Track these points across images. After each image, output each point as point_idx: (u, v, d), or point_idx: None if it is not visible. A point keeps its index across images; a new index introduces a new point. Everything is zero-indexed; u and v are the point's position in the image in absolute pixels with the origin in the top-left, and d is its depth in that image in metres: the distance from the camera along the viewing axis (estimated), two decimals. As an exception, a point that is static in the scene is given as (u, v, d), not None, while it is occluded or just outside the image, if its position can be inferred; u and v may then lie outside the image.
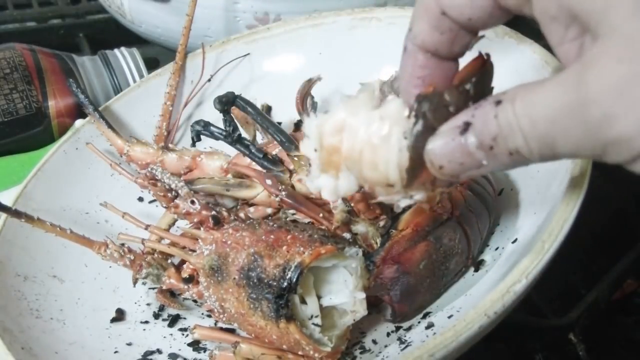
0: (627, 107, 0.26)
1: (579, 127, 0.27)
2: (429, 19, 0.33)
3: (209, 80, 0.69)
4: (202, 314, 0.54)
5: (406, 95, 0.34)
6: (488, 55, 0.34)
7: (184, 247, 0.49)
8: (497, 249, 0.48)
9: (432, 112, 0.31)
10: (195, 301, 0.54)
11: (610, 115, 0.26)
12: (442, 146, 0.31)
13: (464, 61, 0.35)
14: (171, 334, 0.53)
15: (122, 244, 0.51)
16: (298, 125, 0.65)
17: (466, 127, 0.30)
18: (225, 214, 0.49)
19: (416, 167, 0.32)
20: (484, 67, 0.33)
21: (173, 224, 0.56)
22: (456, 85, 0.32)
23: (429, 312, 0.46)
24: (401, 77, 0.35)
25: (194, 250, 0.48)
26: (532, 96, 0.28)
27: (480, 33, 0.34)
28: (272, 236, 0.45)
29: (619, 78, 0.26)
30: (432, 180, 0.33)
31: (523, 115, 0.28)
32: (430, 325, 0.44)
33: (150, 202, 0.63)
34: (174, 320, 0.54)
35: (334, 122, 0.34)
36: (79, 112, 0.69)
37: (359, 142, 0.33)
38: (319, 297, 0.43)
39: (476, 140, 0.30)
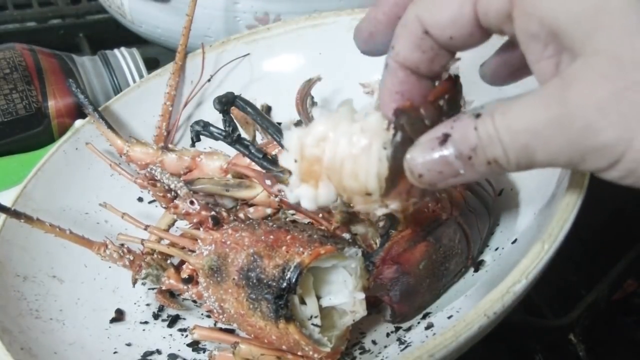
0: (611, 118, 0.28)
1: (560, 138, 0.29)
2: (412, 38, 0.34)
3: (209, 80, 0.69)
4: (202, 314, 0.54)
5: (385, 108, 0.36)
6: (458, 76, 0.36)
7: (183, 248, 0.49)
8: (497, 249, 0.48)
9: (409, 124, 0.33)
10: (194, 301, 0.54)
11: (594, 127, 0.28)
12: (422, 156, 0.32)
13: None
14: (170, 335, 0.53)
15: (122, 245, 0.51)
16: (298, 126, 0.65)
17: (445, 138, 0.31)
18: (224, 214, 0.49)
19: (394, 176, 0.34)
20: (455, 87, 0.35)
21: (173, 224, 0.56)
22: (431, 101, 0.34)
23: (429, 313, 0.46)
24: (381, 92, 0.36)
25: (193, 251, 0.48)
26: (512, 110, 0.30)
27: (458, 55, 0.36)
28: (271, 236, 0.45)
29: (604, 93, 0.28)
30: (407, 190, 0.35)
31: (503, 127, 0.30)
32: (429, 326, 0.44)
33: (150, 202, 0.63)
34: (173, 320, 0.54)
35: (316, 133, 0.35)
36: (78, 112, 0.69)
37: (341, 153, 0.34)
38: (318, 298, 0.43)
39: (455, 150, 0.31)
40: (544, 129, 0.29)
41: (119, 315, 0.54)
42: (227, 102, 0.53)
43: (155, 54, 0.90)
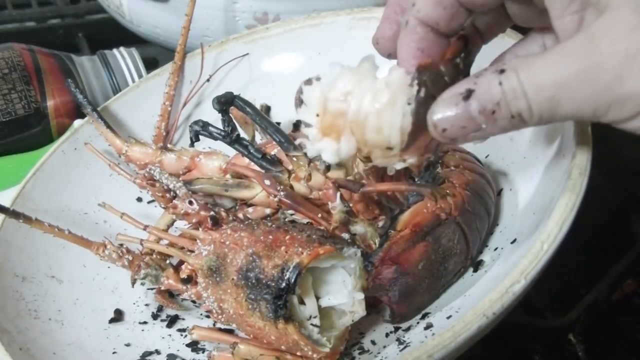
0: None
1: (587, 89, 0.31)
2: None
3: (208, 80, 0.69)
4: (201, 314, 0.54)
5: (405, 64, 0.37)
6: (467, 35, 0.38)
7: (182, 248, 0.49)
8: (496, 249, 0.48)
9: (431, 81, 0.34)
10: (193, 302, 0.54)
11: (622, 77, 0.30)
12: (446, 110, 0.33)
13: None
14: (170, 335, 0.52)
15: (121, 245, 0.51)
16: (297, 125, 0.65)
17: (469, 93, 0.33)
18: (223, 214, 0.49)
19: (416, 131, 0.35)
20: (467, 46, 0.37)
21: (172, 224, 0.56)
22: (449, 59, 0.35)
23: (428, 313, 0.46)
24: (400, 49, 0.37)
25: (192, 251, 0.48)
26: (537, 65, 0.32)
27: None
28: (270, 237, 0.44)
29: (634, 43, 0.30)
30: (425, 145, 0.36)
31: (529, 81, 0.32)
32: (429, 326, 0.44)
33: (149, 202, 0.63)
34: (172, 320, 0.54)
35: (341, 87, 0.36)
36: (77, 112, 0.69)
37: (366, 107, 0.36)
38: (317, 298, 0.43)
39: (478, 105, 0.33)
40: (571, 81, 0.31)
41: (118, 316, 0.54)
42: (226, 102, 0.53)
43: (154, 54, 0.90)
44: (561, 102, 0.31)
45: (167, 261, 0.52)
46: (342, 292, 0.43)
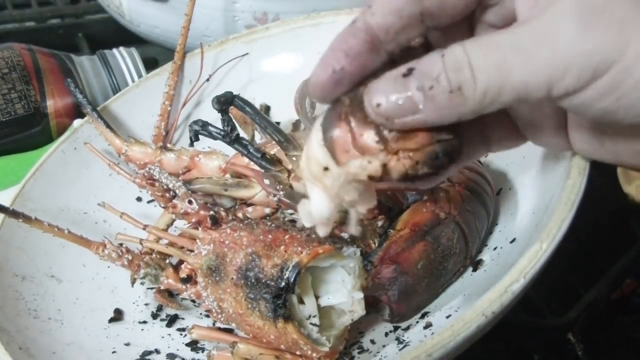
0: (606, 21, 0.28)
1: (544, 49, 0.28)
2: (395, 0, 0.33)
3: (208, 80, 0.69)
4: (201, 314, 0.54)
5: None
6: None
7: (182, 247, 0.49)
8: (495, 248, 0.48)
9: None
10: (193, 301, 0.54)
11: (586, 31, 0.28)
12: (383, 85, 0.31)
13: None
14: (169, 334, 0.52)
15: (120, 244, 0.51)
16: (296, 125, 0.65)
17: (409, 71, 0.30)
18: (223, 214, 0.49)
19: (331, 143, 0.33)
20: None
21: (171, 224, 0.56)
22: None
23: (427, 312, 0.46)
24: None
25: (192, 250, 0.48)
26: (485, 36, 0.30)
27: None
28: (270, 236, 0.44)
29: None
30: (356, 145, 0.33)
31: (475, 49, 0.29)
32: (428, 325, 0.44)
33: (149, 202, 0.63)
34: (172, 320, 0.54)
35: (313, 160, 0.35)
36: (77, 112, 0.69)
37: (305, 152, 0.35)
38: (316, 297, 0.43)
39: (417, 81, 0.30)
40: (525, 40, 0.29)
41: (118, 315, 0.54)
42: (225, 102, 0.53)
43: (154, 54, 0.90)
44: (512, 68, 0.29)
45: (167, 261, 0.52)
46: (342, 291, 0.43)
